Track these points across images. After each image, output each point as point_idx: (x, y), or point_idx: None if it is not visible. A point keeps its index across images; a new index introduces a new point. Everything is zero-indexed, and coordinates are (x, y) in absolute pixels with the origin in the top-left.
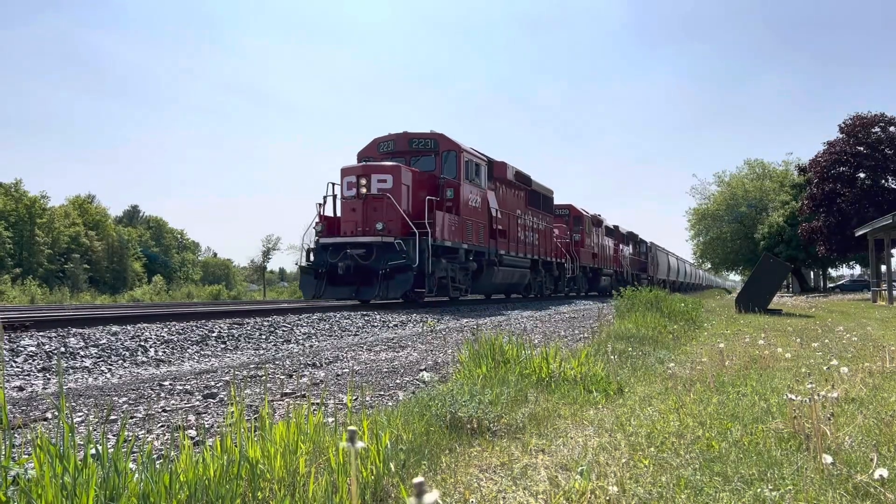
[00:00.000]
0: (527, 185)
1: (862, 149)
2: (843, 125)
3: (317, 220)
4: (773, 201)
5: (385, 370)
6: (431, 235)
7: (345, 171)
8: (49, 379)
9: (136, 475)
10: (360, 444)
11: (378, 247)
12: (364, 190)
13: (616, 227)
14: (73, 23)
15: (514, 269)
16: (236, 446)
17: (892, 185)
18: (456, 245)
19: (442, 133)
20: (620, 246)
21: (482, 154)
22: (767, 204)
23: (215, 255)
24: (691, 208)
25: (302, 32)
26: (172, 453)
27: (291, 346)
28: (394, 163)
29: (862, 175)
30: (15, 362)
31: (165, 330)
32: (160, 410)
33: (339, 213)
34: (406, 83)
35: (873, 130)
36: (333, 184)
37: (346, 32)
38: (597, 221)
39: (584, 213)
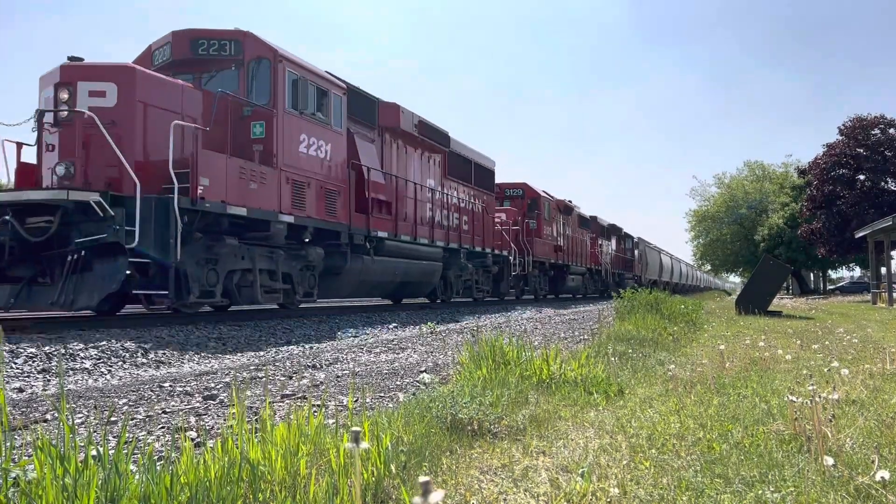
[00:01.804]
0: (442, 145)
1: (862, 151)
2: (842, 127)
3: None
4: (773, 203)
5: (385, 372)
6: (192, 193)
7: (43, 81)
8: (49, 380)
9: (137, 477)
10: (363, 445)
11: (66, 210)
12: (65, 111)
13: (594, 218)
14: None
15: (411, 263)
16: (237, 448)
17: (892, 187)
18: (261, 215)
19: (250, 32)
20: (599, 240)
21: (336, 78)
22: (767, 206)
23: None
24: (691, 210)
25: (300, 34)
26: (173, 455)
27: (291, 347)
28: (125, 63)
29: (862, 177)
30: (14, 363)
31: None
32: (160, 412)
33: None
34: (405, 84)
35: (873, 132)
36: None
37: (343, 35)
38: (564, 208)
39: (544, 195)
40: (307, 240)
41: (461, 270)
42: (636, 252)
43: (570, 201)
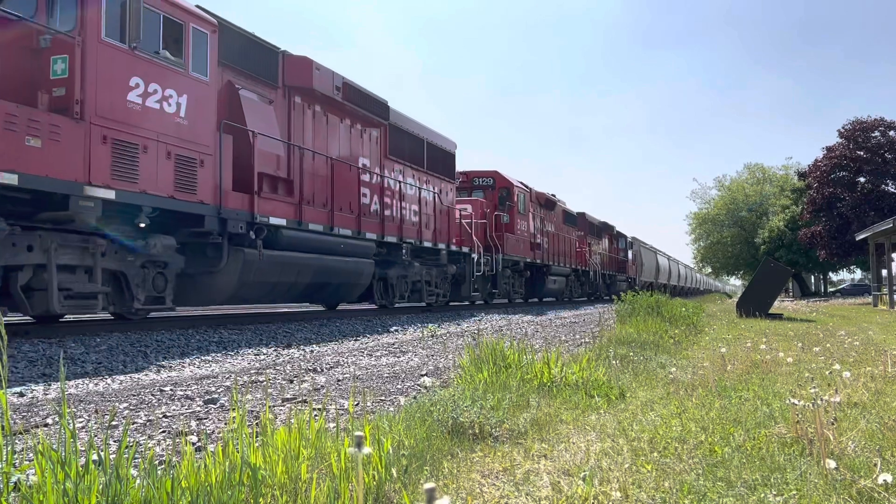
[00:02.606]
0: (379, 117)
1: (862, 153)
2: (842, 130)
3: None
4: (774, 206)
5: (386, 375)
6: None
7: None
8: (50, 384)
9: (138, 481)
10: (365, 450)
11: None
12: None
13: (581, 215)
14: None
15: (326, 259)
16: (238, 452)
17: (893, 190)
18: (51, 186)
19: None
20: (588, 239)
21: (202, 10)
22: (768, 208)
23: None
24: (692, 213)
25: (298, 36)
26: (174, 459)
27: (292, 350)
28: None
29: (862, 179)
30: (15, 368)
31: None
32: (161, 416)
33: None
34: (405, 87)
35: (873, 135)
36: None
37: (342, 37)
38: (545, 202)
39: (518, 186)
40: (143, 225)
41: (406, 270)
42: (630, 252)
43: (553, 195)
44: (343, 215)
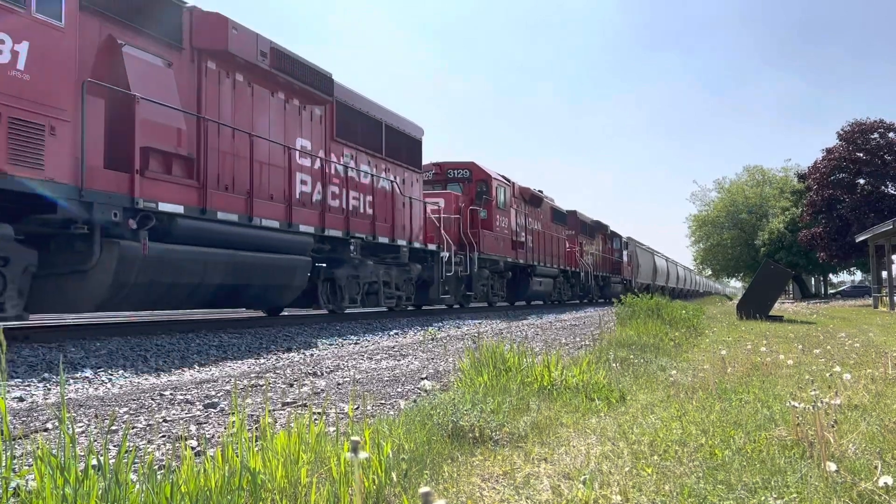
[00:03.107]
0: (322, 92)
1: (861, 155)
2: (841, 132)
3: None
4: (774, 208)
5: (386, 379)
6: None
7: None
8: (49, 389)
9: (138, 486)
10: (363, 455)
11: None
12: None
13: (572, 213)
14: None
15: (244, 256)
16: (237, 456)
17: (892, 191)
18: None
19: None
20: (580, 239)
21: None
22: (768, 210)
23: None
24: (692, 215)
25: (297, 35)
26: (174, 464)
27: (292, 354)
28: None
29: (862, 181)
30: (15, 372)
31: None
32: (161, 420)
33: None
34: (404, 89)
35: (872, 136)
36: None
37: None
38: (531, 197)
39: (498, 179)
40: None
41: (356, 269)
42: (625, 253)
43: (540, 191)
44: (268, 204)
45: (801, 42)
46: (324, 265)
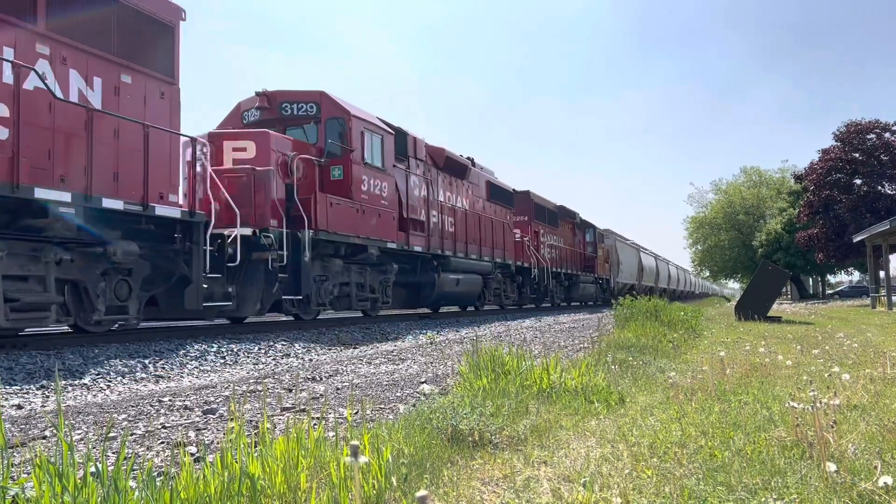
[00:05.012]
0: None
1: (857, 155)
2: (837, 133)
3: None
4: (771, 209)
5: (385, 383)
6: None
7: None
8: (48, 396)
9: (137, 493)
10: (363, 459)
11: None
12: None
13: (525, 193)
14: None
15: None
16: (237, 462)
17: (889, 191)
18: None
19: None
20: (536, 227)
21: None
22: (765, 211)
23: None
24: (689, 217)
25: (294, 43)
26: (173, 470)
27: (291, 359)
28: None
29: (858, 181)
30: (13, 380)
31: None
32: (160, 427)
33: None
34: (403, 92)
35: (868, 137)
36: None
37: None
38: (447, 163)
39: (367, 121)
40: None
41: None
42: (601, 248)
43: (469, 157)
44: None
45: (797, 44)
46: None
